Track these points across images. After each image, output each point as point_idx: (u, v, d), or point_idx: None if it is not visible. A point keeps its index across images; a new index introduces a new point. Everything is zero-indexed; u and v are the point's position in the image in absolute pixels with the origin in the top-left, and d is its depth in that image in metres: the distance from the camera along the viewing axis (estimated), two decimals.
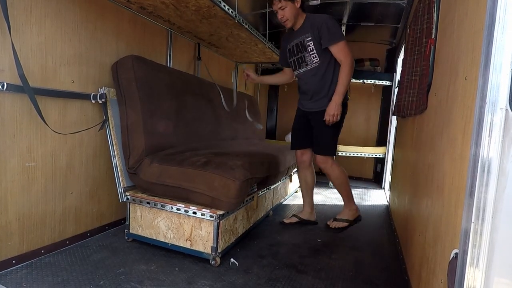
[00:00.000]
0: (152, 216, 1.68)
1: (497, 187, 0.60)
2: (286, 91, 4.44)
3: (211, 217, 1.53)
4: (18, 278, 1.34)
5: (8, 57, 1.30)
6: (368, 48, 3.90)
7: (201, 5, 1.74)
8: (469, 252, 0.62)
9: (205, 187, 1.54)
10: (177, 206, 1.61)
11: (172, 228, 1.64)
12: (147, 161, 1.70)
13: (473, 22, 0.81)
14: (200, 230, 1.58)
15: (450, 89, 0.98)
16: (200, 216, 1.56)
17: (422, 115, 1.45)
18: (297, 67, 1.98)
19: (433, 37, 1.36)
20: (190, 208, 1.58)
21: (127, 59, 1.77)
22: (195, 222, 1.59)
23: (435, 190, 1.07)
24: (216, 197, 1.53)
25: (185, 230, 1.61)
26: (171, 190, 1.62)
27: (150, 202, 1.66)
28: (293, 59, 1.98)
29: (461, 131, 0.82)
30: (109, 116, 1.77)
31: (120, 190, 1.75)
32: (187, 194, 1.59)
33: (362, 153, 3.57)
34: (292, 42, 1.97)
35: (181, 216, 1.61)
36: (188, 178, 1.58)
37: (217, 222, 1.53)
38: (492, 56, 0.60)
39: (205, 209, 1.55)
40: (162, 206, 1.64)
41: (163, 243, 1.66)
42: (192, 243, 1.60)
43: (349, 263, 1.69)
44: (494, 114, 0.60)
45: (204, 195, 1.55)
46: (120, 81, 1.77)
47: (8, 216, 1.38)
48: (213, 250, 1.55)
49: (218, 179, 1.54)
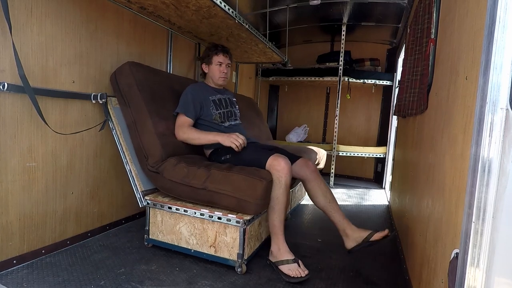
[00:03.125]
0: (173, 221, 1.63)
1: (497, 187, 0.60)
2: (286, 91, 4.45)
3: (237, 222, 1.48)
4: (19, 278, 1.34)
5: (9, 57, 1.31)
6: (369, 48, 3.90)
7: (202, 5, 1.74)
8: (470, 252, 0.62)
9: (231, 188, 1.49)
10: (200, 211, 1.55)
11: (195, 234, 1.59)
12: (173, 161, 1.66)
13: (473, 21, 0.81)
14: (225, 236, 1.52)
15: (451, 89, 0.98)
16: (225, 221, 1.51)
17: (423, 115, 1.44)
18: (225, 119, 1.95)
19: (433, 37, 1.36)
20: (215, 213, 1.52)
21: (124, 66, 1.77)
22: (219, 227, 1.53)
23: (435, 190, 1.07)
24: (242, 198, 1.47)
25: (209, 236, 1.55)
26: (195, 192, 1.57)
27: (172, 207, 1.61)
28: (222, 110, 1.95)
29: (461, 131, 0.82)
30: (115, 124, 1.76)
31: (139, 196, 1.69)
32: (211, 196, 1.54)
33: (363, 153, 3.57)
34: (215, 96, 1.96)
35: (204, 222, 1.56)
36: (214, 180, 1.54)
37: (243, 228, 1.47)
38: (492, 55, 0.59)
39: (231, 214, 1.50)
40: (184, 211, 1.59)
41: (186, 249, 1.61)
42: (217, 249, 1.54)
43: (350, 263, 1.69)
44: (495, 114, 0.60)
45: (229, 197, 1.50)
46: (121, 88, 1.76)
47: (8, 216, 1.38)
48: (239, 257, 1.49)
49: (244, 180, 1.49)
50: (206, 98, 1.91)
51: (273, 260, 1.56)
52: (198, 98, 1.88)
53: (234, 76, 3.47)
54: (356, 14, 3.14)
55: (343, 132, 4.10)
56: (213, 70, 1.98)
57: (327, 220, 1.69)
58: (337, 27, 3.49)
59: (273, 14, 3.16)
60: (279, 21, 3.33)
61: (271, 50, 2.70)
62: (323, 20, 3.42)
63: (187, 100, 1.85)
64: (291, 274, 1.46)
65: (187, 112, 1.83)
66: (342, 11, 3.10)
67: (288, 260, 1.51)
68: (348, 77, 3.47)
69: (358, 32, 3.62)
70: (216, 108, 1.93)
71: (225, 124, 1.93)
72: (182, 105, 1.85)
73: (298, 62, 3.93)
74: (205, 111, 1.89)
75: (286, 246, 1.56)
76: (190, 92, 1.88)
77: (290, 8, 3.04)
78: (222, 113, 1.94)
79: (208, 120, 1.90)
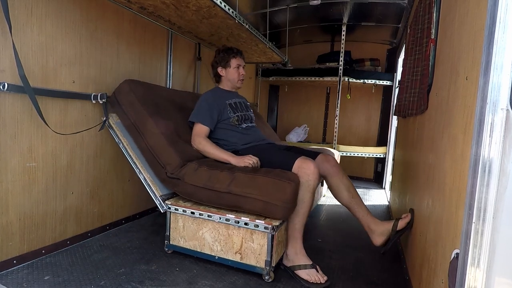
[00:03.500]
0: (196, 226, 1.58)
1: (498, 187, 0.60)
2: (286, 91, 4.45)
3: (266, 228, 1.42)
4: (19, 278, 1.34)
5: (9, 57, 1.31)
6: (369, 48, 3.90)
7: (202, 5, 1.74)
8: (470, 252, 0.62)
9: (258, 191, 1.44)
10: (226, 217, 1.50)
11: (219, 240, 1.54)
12: (193, 165, 1.63)
13: (473, 22, 0.81)
14: (251, 243, 1.47)
15: (451, 89, 0.98)
16: (252, 227, 1.45)
17: (423, 115, 1.44)
18: (242, 122, 1.94)
19: (433, 37, 1.36)
20: (242, 219, 1.47)
21: (122, 85, 1.78)
22: (246, 233, 1.47)
23: (435, 190, 1.07)
24: (270, 201, 1.42)
25: (235, 242, 1.50)
26: (219, 196, 1.52)
27: (195, 212, 1.56)
28: (239, 114, 1.95)
29: (462, 131, 0.82)
30: (121, 138, 1.76)
31: (158, 201, 1.64)
32: (237, 201, 1.49)
33: (363, 153, 3.57)
34: (231, 100, 1.97)
35: (230, 227, 1.51)
36: (239, 183, 1.49)
37: (271, 234, 1.42)
38: (493, 56, 0.59)
39: (258, 220, 1.44)
40: (208, 216, 1.53)
41: (209, 256, 1.56)
42: (243, 256, 1.49)
43: (350, 263, 1.69)
44: (495, 114, 0.60)
45: (256, 201, 1.44)
46: (123, 107, 1.75)
47: (9, 216, 1.38)
48: (267, 264, 1.43)
49: (272, 182, 1.44)
50: (222, 103, 1.91)
51: (288, 264, 1.52)
52: (215, 104, 1.88)
53: None
54: (356, 14, 3.14)
55: (343, 132, 4.09)
56: (232, 73, 1.98)
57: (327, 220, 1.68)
58: (337, 27, 3.48)
59: (273, 14, 3.16)
60: (279, 21, 3.33)
61: (271, 50, 2.69)
62: (323, 20, 3.42)
63: (203, 109, 1.85)
64: (310, 280, 1.42)
65: (204, 120, 1.83)
66: (342, 11, 3.10)
67: (306, 265, 1.47)
68: (348, 77, 3.46)
69: (358, 32, 3.62)
70: (233, 111, 1.93)
71: (242, 125, 1.93)
72: (198, 114, 1.85)
73: (298, 62, 3.93)
74: (223, 115, 1.89)
75: (303, 250, 1.52)
76: (205, 100, 1.88)
77: (290, 8, 3.03)
78: (239, 116, 1.94)
79: (226, 123, 1.89)
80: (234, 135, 1.89)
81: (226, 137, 1.89)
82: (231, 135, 1.89)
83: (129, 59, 1.98)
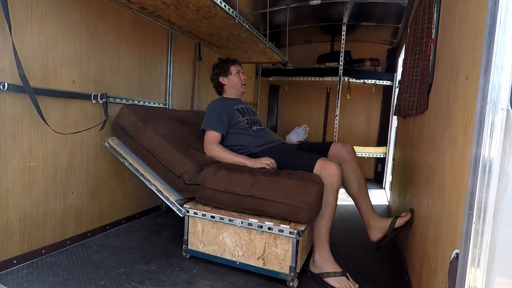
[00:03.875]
0: (215, 231, 1.54)
1: (498, 188, 0.60)
2: (286, 91, 4.45)
3: (291, 233, 1.37)
4: (19, 278, 1.34)
5: (9, 57, 1.31)
6: (369, 48, 3.90)
7: (202, 5, 1.74)
8: (470, 252, 0.62)
9: (282, 194, 1.40)
10: (248, 221, 1.45)
11: (240, 245, 1.49)
12: (212, 169, 1.59)
13: (474, 22, 0.81)
14: (275, 248, 1.42)
15: (451, 89, 0.98)
16: (276, 232, 1.40)
17: (423, 115, 1.44)
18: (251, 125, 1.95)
19: (433, 37, 1.36)
20: (265, 223, 1.42)
21: (122, 109, 1.79)
22: (269, 238, 1.43)
23: (436, 190, 1.07)
24: (295, 204, 1.37)
25: (257, 247, 1.46)
26: (240, 200, 1.48)
27: (215, 216, 1.52)
28: (247, 117, 1.96)
29: (462, 131, 0.82)
30: (125, 156, 1.75)
31: (176, 207, 1.61)
32: (259, 205, 1.44)
33: (363, 153, 3.56)
34: (237, 105, 1.98)
35: (252, 232, 1.46)
36: (261, 186, 1.45)
37: (296, 239, 1.37)
38: (493, 56, 0.59)
39: (283, 224, 1.40)
40: (229, 220, 1.49)
41: (230, 261, 1.52)
42: (266, 262, 1.45)
43: (350, 263, 1.69)
44: (495, 114, 0.60)
45: (280, 204, 1.40)
46: (126, 130, 1.75)
47: (9, 216, 1.38)
48: (292, 270, 1.39)
49: (296, 185, 1.40)
50: (231, 109, 1.93)
51: (316, 271, 1.48)
52: (224, 111, 1.89)
53: None
54: (356, 14, 3.14)
55: (343, 132, 4.09)
56: (234, 79, 2.00)
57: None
58: (337, 27, 3.48)
59: (273, 14, 3.16)
60: (279, 21, 3.33)
61: (271, 50, 2.69)
62: (323, 20, 3.42)
63: (212, 117, 1.86)
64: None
65: (215, 127, 1.83)
66: (342, 11, 3.10)
67: (335, 272, 1.44)
68: (348, 77, 3.46)
69: (358, 32, 3.62)
70: (242, 115, 1.94)
71: (253, 128, 1.94)
72: (208, 122, 1.85)
73: (298, 62, 3.93)
74: (233, 120, 1.91)
75: (331, 256, 1.48)
76: (214, 108, 1.90)
77: (290, 8, 3.03)
78: (248, 119, 1.95)
79: (237, 127, 1.89)
80: (246, 138, 1.89)
81: (238, 141, 1.88)
82: (244, 138, 1.89)
83: (129, 59, 1.98)
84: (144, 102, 2.13)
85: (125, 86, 1.97)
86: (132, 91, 2.03)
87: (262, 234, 1.45)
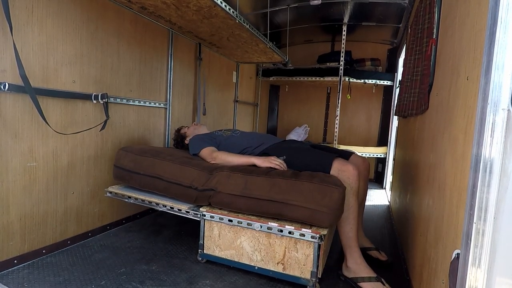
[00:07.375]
0: (233, 235, 1.50)
1: (499, 188, 0.60)
2: (287, 91, 4.45)
3: (312, 238, 1.33)
4: (20, 278, 1.34)
5: (10, 57, 1.31)
6: (369, 48, 3.90)
7: (202, 5, 1.74)
8: (471, 252, 0.62)
9: (303, 198, 1.35)
10: (268, 225, 1.40)
11: (259, 250, 1.45)
12: (225, 173, 1.54)
13: (474, 21, 0.81)
14: (295, 253, 1.38)
15: (452, 89, 0.98)
16: (297, 236, 1.35)
17: (424, 115, 1.44)
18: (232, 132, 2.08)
19: (434, 37, 1.35)
20: (286, 227, 1.38)
21: (118, 152, 1.79)
22: (289, 243, 1.39)
23: (436, 190, 1.07)
24: (316, 208, 1.33)
25: (276, 252, 1.42)
26: (259, 204, 1.43)
27: (233, 220, 1.47)
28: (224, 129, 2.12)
29: (462, 131, 0.82)
30: (131, 196, 1.75)
31: (192, 213, 1.57)
32: (279, 208, 1.39)
33: (363, 153, 3.56)
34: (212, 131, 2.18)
35: (271, 236, 1.42)
36: (280, 189, 1.40)
37: (319, 243, 1.33)
38: (494, 56, 0.59)
39: (304, 228, 1.35)
40: (248, 224, 1.44)
41: (248, 266, 1.48)
42: (285, 267, 1.41)
43: None
44: (496, 114, 0.60)
45: (302, 208, 1.35)
46: (127, 168, 1.74)
47: (9, 216, 1.38)
48: (313, 275, 1.35)
49: (317, 188, 1.35)
50: (208, 133, 2.04)
51: (350, 275, 1.44)
52: (205, 136, 1.97)
53: (234, 76, 3.47)
54: (357, 14, 3.14)
55: (344, 132, 4.09)
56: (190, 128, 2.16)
57: None
58: (338, 27, 3.48)
59: (274, 14, 3.16)
60: (280, 21, 3.33)
61: (271, 50, 2.69)
62: (323, 20, 3.42)
63: (197, 142, 1.91)
64: None
65: (206, 144, 1.88)
66: (343, 11, 3.10)
67: (370, 277, 1.39)
68: (348, 77, 3.47)
69: (358, 32, 3.62)
70: (219, 131, 2.06)
71: (236, 132, 2.01)
72: (196, 145, 1.89)
73: (298, 62, 3.93)
74: (217, 138, 1.97)
75: (364, 260, 1.45)
76: (197, 136, 1.98)
77: (290, 8, 3.03)
78: (226, 129, 2.07)
79: (224, 139, 1.95)
80: (238, 141, 1.92)
81: (233, 149, 1.87)
82: (237, 143, 1.91)
83: (129, 59, 1.98)
84: (145, 102, 2.14)
85: (126, 86, 1.97)
86: (133, 91, 2.04)
87: (282, 239, 1.41)
